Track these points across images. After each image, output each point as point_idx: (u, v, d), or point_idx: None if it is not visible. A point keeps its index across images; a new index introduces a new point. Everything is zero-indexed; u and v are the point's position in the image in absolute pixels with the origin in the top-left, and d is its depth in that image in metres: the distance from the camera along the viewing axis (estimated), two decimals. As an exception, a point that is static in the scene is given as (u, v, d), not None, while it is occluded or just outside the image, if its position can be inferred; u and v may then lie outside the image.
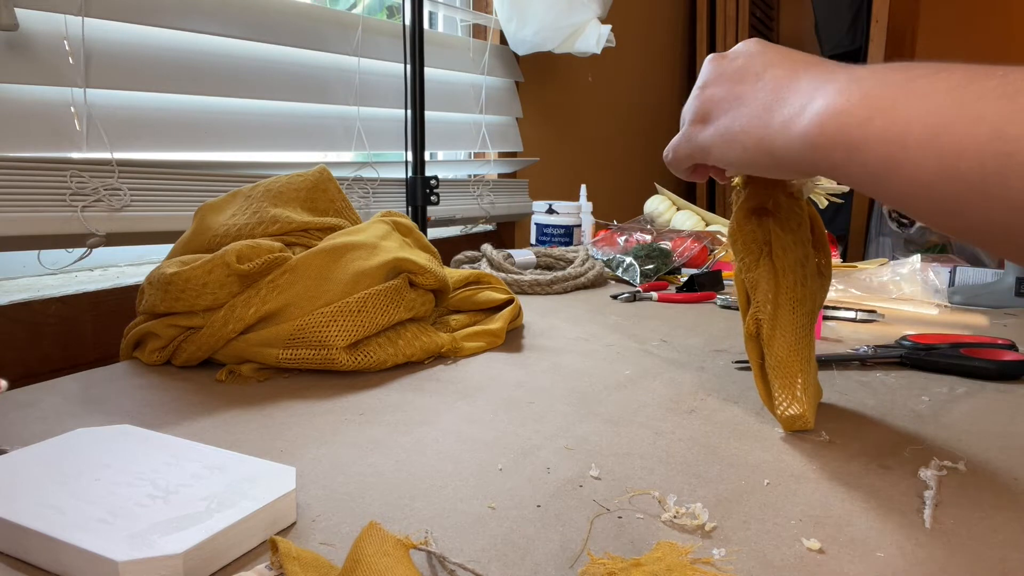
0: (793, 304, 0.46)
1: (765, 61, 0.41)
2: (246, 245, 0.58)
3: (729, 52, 0.44)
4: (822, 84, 0.37)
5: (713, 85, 0.43)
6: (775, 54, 0.42)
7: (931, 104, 0.31)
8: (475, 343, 0.66)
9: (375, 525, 0.30)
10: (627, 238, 1.20)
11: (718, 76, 0.43)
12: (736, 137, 0.41)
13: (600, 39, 1.32)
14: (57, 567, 0.29)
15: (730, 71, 0.43)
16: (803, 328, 0.46)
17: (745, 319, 0.48)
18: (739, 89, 0.41)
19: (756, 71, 0.41)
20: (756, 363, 0.48)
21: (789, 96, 0.38)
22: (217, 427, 0.46)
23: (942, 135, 0.31)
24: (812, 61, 0.40)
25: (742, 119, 0.40)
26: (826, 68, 0.38)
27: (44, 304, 0.70)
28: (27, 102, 0.70)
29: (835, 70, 0.37)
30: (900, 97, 0.33)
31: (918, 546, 0.33)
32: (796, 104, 0.38)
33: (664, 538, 0.33)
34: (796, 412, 0.45)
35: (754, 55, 0.42)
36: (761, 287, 0.47)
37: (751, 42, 0.44)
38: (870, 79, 0.35)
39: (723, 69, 0.43)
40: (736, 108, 0.41)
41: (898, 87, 0.33)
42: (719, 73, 0.43)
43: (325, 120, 1.04)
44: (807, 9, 2.37)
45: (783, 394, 0.46)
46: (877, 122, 0.33)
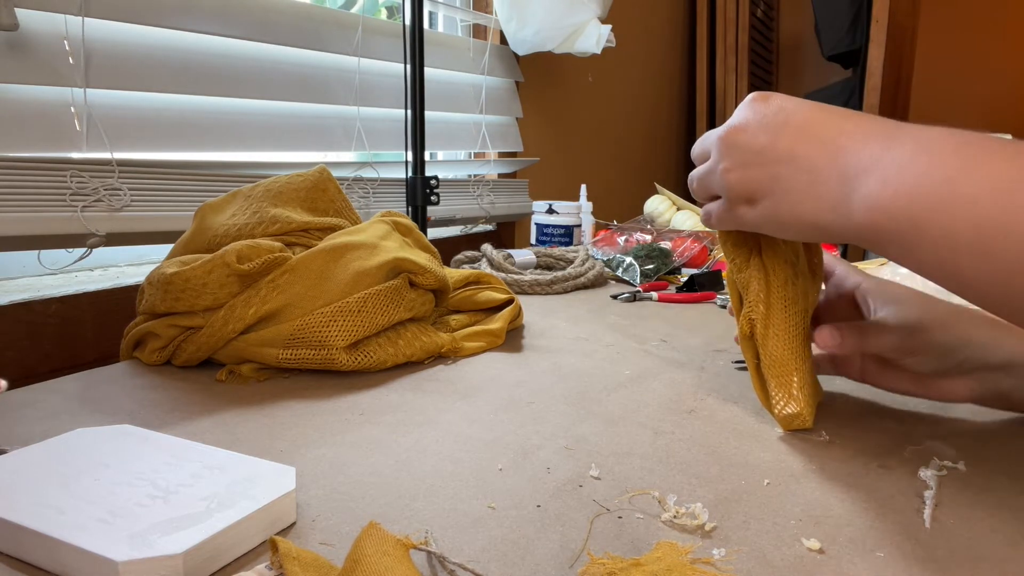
0: (785, 303, 0.46)
1: (792, 137, 0.40)
2: (246, 245, 0.58)
3: (747, 122, 0.42)
4: (864, 171, 0.36)
5: (746, 166, 0.41)
6: (796, 127, 0.40)
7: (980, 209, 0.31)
8: (475, 343, 0.66)
9: (375, 525, 0.30)
10: (627, 238, 1.20)
11: (749, 154, 0.41)
12: (786, 220, 0.40)
13: (600, 39, 1.32)
14: (57, 567, 0.29)
15: (757, 147, 0.41)
16: (796, 326, 0.46)
17: (739, 319, 0.48)
18: (775, 171, 0.40)
19: (788, 148, 0.39)
20: (752, 363, 0.48)
21: (831, 182, 0.37)
22: (217, 427, 0.46)
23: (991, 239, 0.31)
24: (837, 131, 0.38)
25: (788, 203, 0.39)
26: (857, 143, 0.37)
27: (44, 304, 0.70)
28: (27, 102, 0.70)
29: (868, 145, 0.36)
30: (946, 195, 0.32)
31: (918, 546, 0.33)
32: (839, 192, 0.37)
33: (664, 538, 0.33)
34: (793, 411, 0.45)
35: (776, 130, 0.40)
36: (752, 287, 0.47)
37: (767, 110, 0.42)
38: (913, 166, 0.34)
39: (751, 145, 0.41)
40: (779, 192, 0.40)
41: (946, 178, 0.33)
42: (748, 149, 0.41)
43: (325, 120, 1.04)
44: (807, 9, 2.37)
45: (779, 393, 0.46)
46: (924, 226, 0.33)
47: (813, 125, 0.39)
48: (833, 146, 0.38)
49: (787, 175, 0.39)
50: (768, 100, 0.42)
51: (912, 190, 0.33)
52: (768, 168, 0.40)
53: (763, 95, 0.43)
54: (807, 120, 0.40)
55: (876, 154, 0.36)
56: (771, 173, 0.40)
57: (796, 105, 0.41)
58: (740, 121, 0.42)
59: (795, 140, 0.39)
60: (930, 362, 0.46)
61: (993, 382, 0.46)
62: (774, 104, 0.42)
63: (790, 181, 0.39)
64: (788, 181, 0.39)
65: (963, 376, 0.46)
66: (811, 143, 0.39)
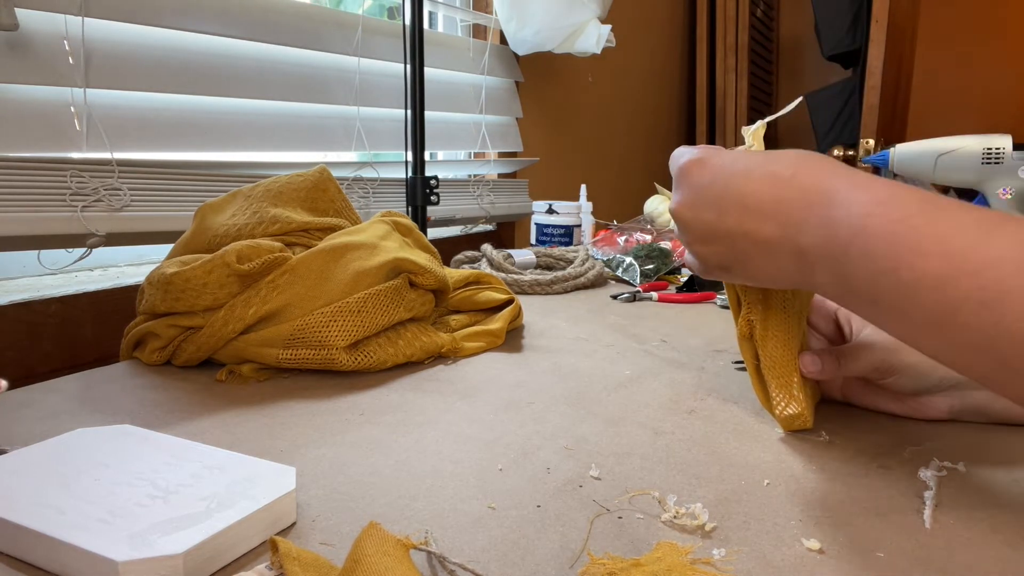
0: (783, 303, 0.46)
1: (736, 213, 0.40)
2: (246, 245, 0.58)
3: (690, 200, 0.42)
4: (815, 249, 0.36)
5: (705, 243, 0.42)
6: (734, 201, 0.40)
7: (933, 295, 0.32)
8: (475, 343, 0.66)
9: (375, 525, 0.30)
10: (627, 238, 1.20)
11: (702, 231, 0.42)
12: (763, 281, 0.41)
13: (600, 39, 1.31)
14: (57, 567, 0.29)
15: (707, 225, 0.41)
16: (794, 326, 0.46)
17: (737, 321, 0.48)
18: (732, 244, 0.40)
19: (736, 225, 0.40)
20: (752, 364, 0.48)
21: (788, 256, 0.38)
22: (217, 427, 0.46)
23: None
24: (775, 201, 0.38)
25: (756, 269, 0.40)
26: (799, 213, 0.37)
27: (44, 304, 0.70)
28: (27, 102, 0.70)
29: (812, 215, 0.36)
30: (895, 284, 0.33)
31: (918, 546, 0.33)
32: (799, 264, 0.38)
33: (664, 538, 0.33)
34: (794, 411, 0.45)
35: (718, 206, 0.40)
36: (751, 288, 0.47)
37: (702, 182, 0.42)
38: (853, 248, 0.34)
39: (700, 222, 0.42)
40: (744, 261, 0.41)
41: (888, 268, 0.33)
42: (699, 227, 0.42)
43: (325, 120, 1.03)
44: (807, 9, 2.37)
45: (780, 394, 0.46)
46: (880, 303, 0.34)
47: (750, 197, 0.39)
48: (777, 219, 0.38)
49: (744, 248, 0.40)
50: (702, 168, 0.42)
51: (859, 279, 0.34)
52: (725, 242, 0.41)
53: (696, 162, 0.43)
54: (743, 191, 0.39)
55: (820, 231, 0.36)
56: (729, 246, 0.41)
57: (727, 171, 0.41)
58: (684, 200, 0.43)
59: (740, 216, 0.40)
60: (909, 381, 0.47)
61: (971, 397, 0.47)
62: (707, 174, 0.42)
63: (750, 253, 0.40)
64: (749, 253, 0.40)
65: (942, 394, 0.48)
66: (755, 216, 0.39)
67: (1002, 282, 0.29)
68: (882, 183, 0.36)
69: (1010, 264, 0.29)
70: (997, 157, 0.90)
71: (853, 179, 0.36)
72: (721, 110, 2.26)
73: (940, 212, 0.32)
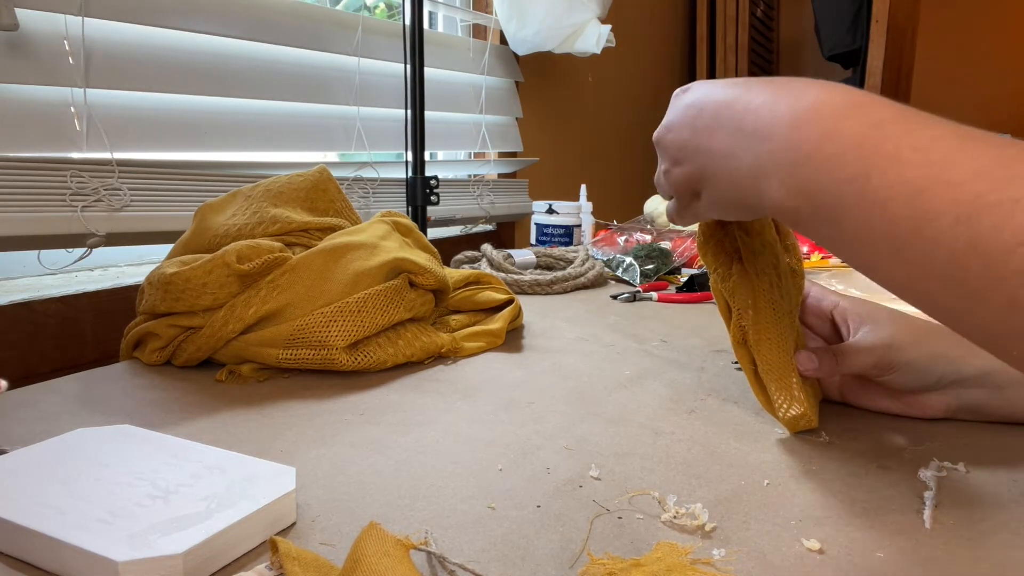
0: (772, 306, 0.46)
1: (706, 129, 0.40)
2: (246, 245, 0.58)
3: (671, 122, 0.43)
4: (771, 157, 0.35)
5: (679, 163, 0.42)
6: (708, 117, 0.40)
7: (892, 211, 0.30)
8: (475, 343, 0.66)
9: (375, 525, 0.30)
10: (627, 238, 1.20)
11: (678, 152, 0.42)
12: (726, 206, 0.41)
13: (600, 39, 1.31)
14: (57, 567, 0.29)
15: (681, 143, 0.42)
16: (786, 328, 0.46)
17: (730, 328, 0.48)
18: (702, 162, 0.40)
19: (705, 141, 0.40)
20: (749, 369, 0.48)
21: (746, 169, 0.37)
22: (217, 427, 0.46)
23: None
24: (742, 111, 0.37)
25: (721, 190, 0.40)
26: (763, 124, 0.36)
27: (44, 304, 0.70)
28: (27, 102, 0.70)
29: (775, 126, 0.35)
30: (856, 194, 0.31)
31: (918, 546, 0.33)
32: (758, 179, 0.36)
33: (664, 538, 0.33)
34: (797, 412, 0.45)
35: (693, 124, 0.41)
36: (739, 294, 0.47)
37: (683, 104, 0.42)
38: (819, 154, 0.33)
39: (676, 142, 0.42)
40: (710, 181, 0.40)
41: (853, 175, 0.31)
42: (676, 147, 0.42)
43: (325, 120, 1.04)
44: (807, 9, 2.37)
45: (781, 396, 0.46)
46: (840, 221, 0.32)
47: (724, 110, 0.39)
48: (742, 127, 0.37)
49: (711, 165, 0.39)
50: (686, 92, 0.43)
51: (824, 185, 0.32)
52: (696, 161, 0.41)
53: (684, 89, 0.43)
54: (717, 107, 0.39)
55: (784, 134, 0.34)
56: (699, 165, 0.40)
57: (707, 92, 0.41)
58: (666, 122, 0.43)
59: (711, 130, 0.39)
60: (908, 379, 0.47)
61: (968, 396, 0.47)
62: (689, 96, 0.42)
63: (715, 170, 0.39)
64: (713, 170, 0.39)
65: (940, 392, 0.47)
66: (723, 129, 0.38)
67: (981, 197, 0.26)
68: (858, 91, 0.34)
69: (989, 179, 0.27)
70: (997, 157, 0.90)
71: (829, 85, 0.35)
72: (721, 110, 2.26)
73: (919, 120, 0.31)
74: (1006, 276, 0.26)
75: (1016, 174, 0.26)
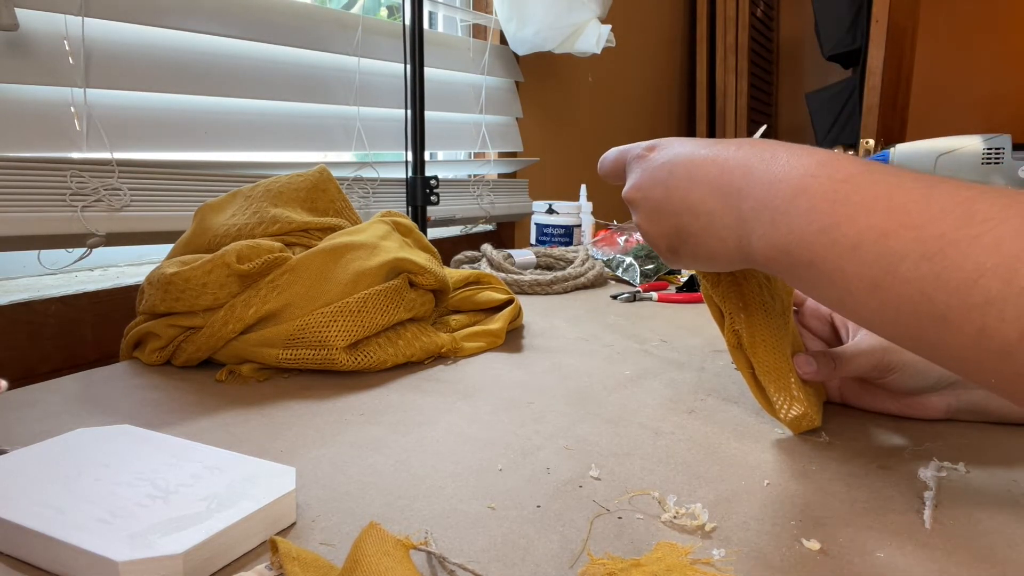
0: (764, 308, 0.46)
1: (683, 187, 0.41)
2: (246, 245, 0.58)
3: (640, 181, 0.44)
4: (753, 210, 0.37)
5: (653, 223, 0.43)
6: (683, 176, 0.41)
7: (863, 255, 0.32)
8: (475, 343, 0.66)
9: (375, 525, 0.30)
10: (627, 238, 1.20)
11: (650, 211, 0.43)
12: (705, 260, 0.42)
13: (600, 39, 1.32)
14: (57, 567, 0.29)
15: (654, 203, 0.42)
16: (779, 329, 0.46)
17: (724, 332, 0.48)
18: (677, 221, 0.41)
19: (681, 198, 0.41)
20: (747, 372, 0.47)
21: (728, 222, 0.38)
22: (217, 427, 0.46)
23: None
24: (719, 169, 0.39)
25: (699, 246, 0.41)
26: (740, 180, 0.38)
27: (44, 304, 0.70)
28: (27, 102, 0.70)
29: (752, 182, 0.37)
30: (828, 243, 0.33)
31: (918, 546, 0.33)
32: (739, 232, 0.38)
33: (664, 538, 0.33)
34: (798, 412, 0.45)
35: (666, 183, 0.41)
36: (730, 299, 0.47)
37: (653, 165, 0.43)
38: (794, 208, 0.34)
39: (648, 201, 0.43)
40: (687, 238, 0.41)
41: (824, 226, 0.33)
42: (648, 207, 0.43)
43: (325, 120, 1.04)
44: (807, 9, 2.37)
45: (781, 397, 0.46)
46: (818, 266, 0.34)
47: (697, 170, 0.40)
48: (719, 188, 0.39)
49: (689, 223, 0.41)
50: (653, 152, 0.44)
51: (798, 236, 0.34)
52: (671, 220, 0.42)
53: (649, 147, 0.44)
54: (690, 166, 0.41)
55: (759, 194, 0.37)
56: (674, 224, 0.41)
57: (678, 152, 0.42)
58: (635, 181, 0.44)
59: (686, 189, 0.40)
60: (907, 380, 0.47)
61: (968, 396, 0.47)
62: (659, 157, 0.43)
63: (693, 228, 0.40)
64: (692, 228, 0.41)
65: (940, 393, 0.48)
66: (700, 188, 0.40)
67: (943, 236, 0.29)
68: (823, 151, 0.36)
69: (950, 218, 0.29)
70: (997, 157, 0.90)
71: (794, 147, 0.37)
72: (721, 110, 2.26)
73: (881, 173, 0.33)
74: (972, 306, 0.27)
75: (973, 212, 0.28)
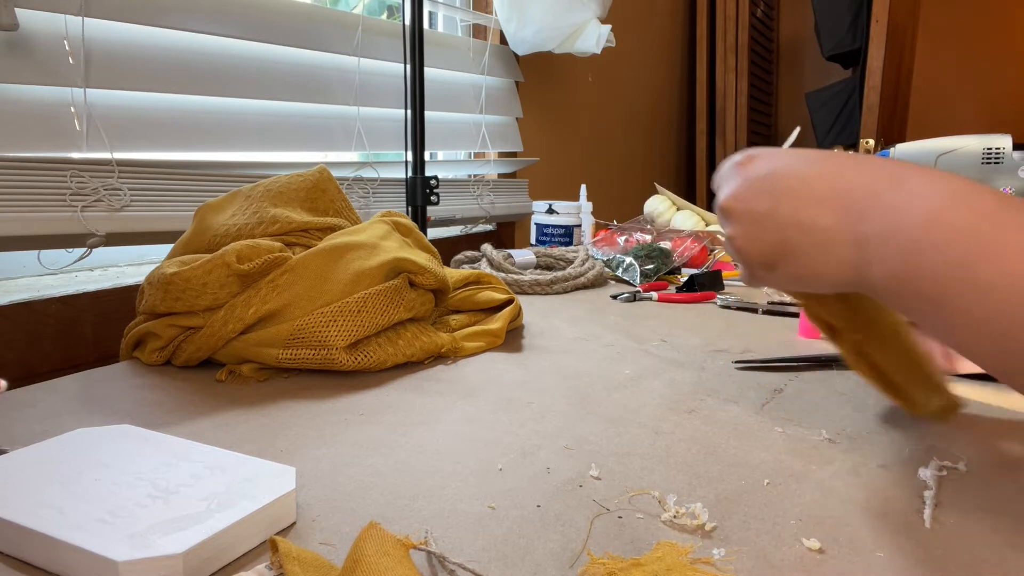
0: (878, 311, 0.44)
1: (793, 201, 0.37)
2: (246, 245, 0.58)
3: (740, 191, 0.40)
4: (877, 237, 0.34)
5: (752, 235, 0.39)
6: (794, 189, 0.37)
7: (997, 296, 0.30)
8: (475, 343, 0.66)
9: (375, 525, 0.30)
10: (627, 238, 1.20)
11: (752, 223, 0.39)
12: (808, 280, 0.39)
13: (600, 39, 1.31)
14: (57, 567, 0.29)
15: (758, 214, 0.39)
16: (901, 326, 0.44)
17: (840, 346, 0.46)
18: (784, 236, 0.38)
19: (791, 214, 0.37)
20: (874, 378, 0.46)
21: (846, 245, 0.36)
22: (217, 427, 0.46)
23: None
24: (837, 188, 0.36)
25: (805, 265, 0.38)
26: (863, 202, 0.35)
27: (44, 304, 0.70)
28: (27, 102, 0.70)
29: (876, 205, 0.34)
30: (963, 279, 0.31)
31: (918, 546, 0.33)
32: (856, 255, 0.35)
33: (664, 538, 0.33)
34: (947, 400, 0.45)
35: (774, 194, 0.38)
36: (841, 312, 0.45)
37: (757, 173, 0.40)
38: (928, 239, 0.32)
39: (750, 213, 0.39)
40: (793, 256, 0.38)
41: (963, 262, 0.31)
42: (749, 218, 0.39)
43: (325, 120, 1.03)
44: (807, 9, 2.37)
45: (926, 392, 0.45)
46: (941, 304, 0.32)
47: (811, 183, 0.37)
48: (838, 206, 0.36)
49: (798, 240, 0.38)
50: (756, 160, 0.41)
51: (928, 272, 0.32)
52: (775, 234, 0.38)
53: (749, 156, 0.41)
54: (802, 180, 0.38)
55: (887, 218, 0.34)
56: (780, 239, 0.38)
57: (784, 164, 0.39)
58: (733, 190, 0.41)
59: (797, 204, 0.37)
60: None
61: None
62: (762, 166, 0.40)
63: (802, 246, 0.37)
64: (800, 246, 0.38)
65: None
66: (814, 205, 0.37)
67: None
68: (954, 177, 0.34)
69: None
70: (997, 157, 0.90)
71: (924, 172, 0.34)
72: (721, 110, 2.26)
73: (1021, 210, 0.31)
74: None
75: None
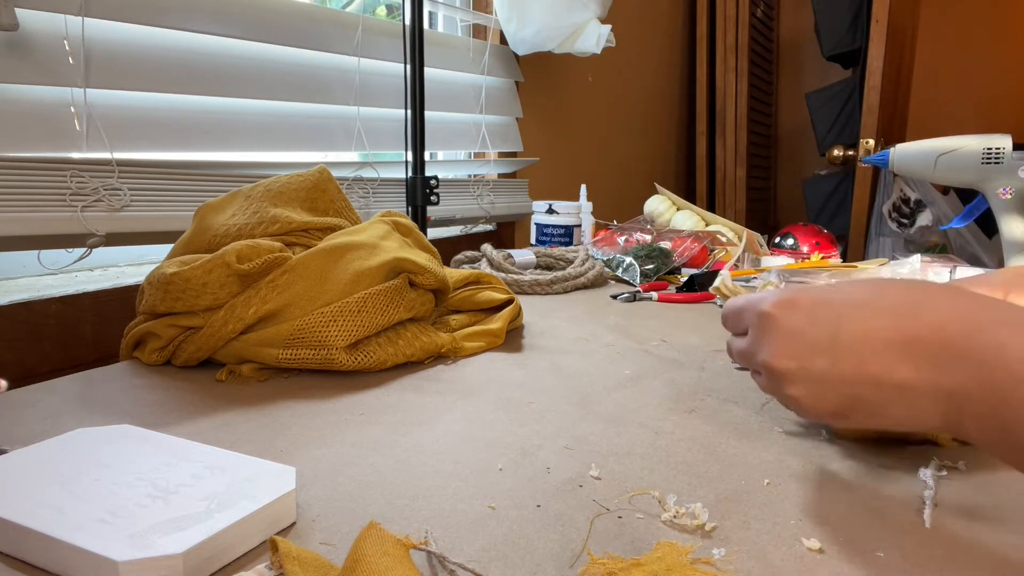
0: None
1: (855, 356, 0.35)
2: (246, 245, 0.58)
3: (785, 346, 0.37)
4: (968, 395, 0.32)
5: (822, 396, 0.36)
6: (852, 342, 0.35)
7: None
8: (475, 343, 0.66)
9: (375, 525, 0.30)
10: (627, 238, 1.20)
11: (809, 381, 0.36)
12: (897, 427, 0.35)
13: (600, 39, 1.31)
14: (57, 567, 0.29)
15: (817, 373, 0.36)
16: None
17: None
18: (854, 391, 0.35)
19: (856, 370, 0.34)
20: None
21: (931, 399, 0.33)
22: (217, 427, 0.46)
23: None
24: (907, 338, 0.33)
25: (885, 417, 0.35)
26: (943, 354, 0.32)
27: (44, 304, 0.70)
28: (27, 102, 0.70)
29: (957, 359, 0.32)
30: None
31: (918, 546, 0.33)
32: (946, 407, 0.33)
33: (664, 538, 0.33)
34: None
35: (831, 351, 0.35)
36: None
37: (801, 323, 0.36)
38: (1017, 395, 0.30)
39: (808, 371, 0.36)
40: (866, 410, 0.35)
41: None
42: (806, 377, 0.36)
43: (325, 120, 1.03)
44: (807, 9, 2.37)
45: None
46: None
47: (871, 336, 0.34)
48: (912, 361, 0.33)
49: (871, 395, 0.34)
50: (794, 310, 0.37)
51: (1021, 423, 0.30)
52: (846, 389, 0.35)
53: (783, 304, 0.37)
54: (862, 331, 0.35)
55: (971, 372, 0.32)
56: (852, 394, 0.35)
57: (832, 309, 0.36)
58: (779, 348, 0.37)
59: (859, 359, 0.34)
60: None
61: None
62: (803, 316, 0.37)
63: (875, 399, 0.34)
64: (875, 401, 0.35)
65: None
66: (881, 361, 0.34)
67: None
68: (1017, 309, 0.32)
69: None
70: (997, 157, 0.90)
71: (992, 311, 0.32)
72: (721, 110, 2.26)
73: None
74: None
75: None
